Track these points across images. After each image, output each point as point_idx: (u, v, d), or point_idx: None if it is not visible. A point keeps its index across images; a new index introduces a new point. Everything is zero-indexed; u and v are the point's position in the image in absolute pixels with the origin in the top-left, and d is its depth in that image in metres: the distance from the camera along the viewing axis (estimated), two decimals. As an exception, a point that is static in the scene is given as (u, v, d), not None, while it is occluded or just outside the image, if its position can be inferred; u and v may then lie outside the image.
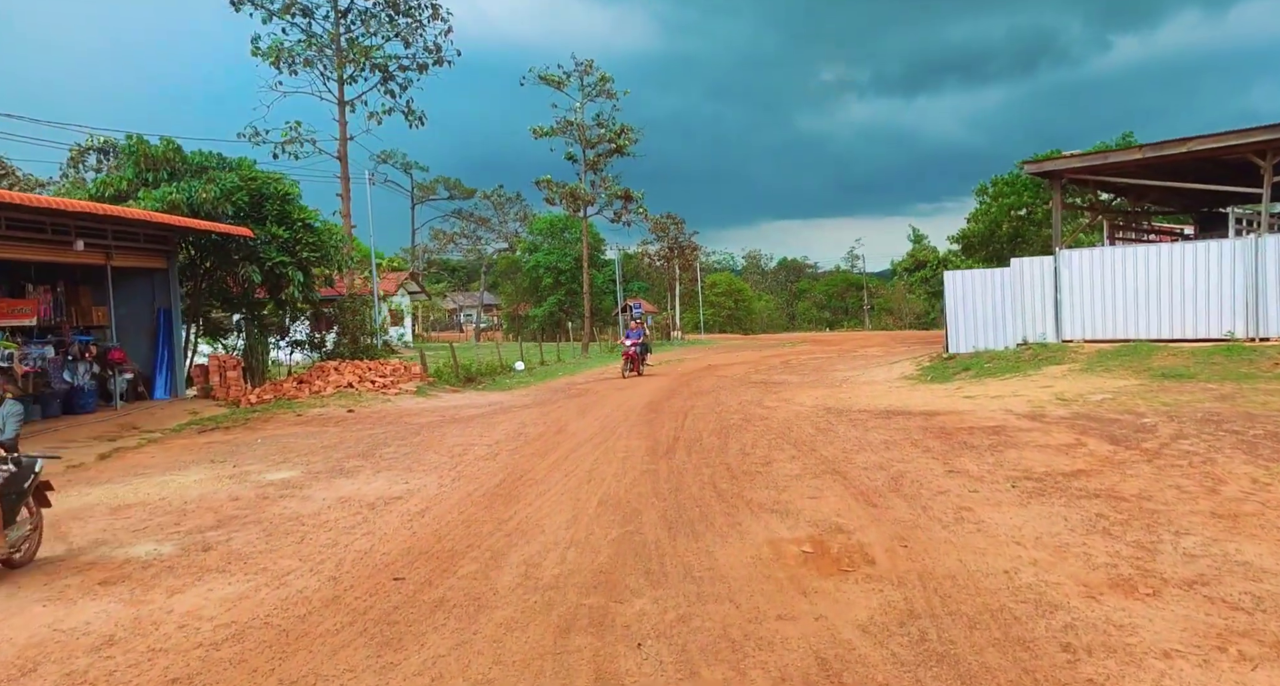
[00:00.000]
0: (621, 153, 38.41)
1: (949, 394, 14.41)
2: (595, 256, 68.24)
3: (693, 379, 21.78)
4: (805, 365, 25.34)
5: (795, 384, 18.89)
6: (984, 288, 17.86)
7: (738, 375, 22.62)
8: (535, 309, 68.94)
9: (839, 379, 19.28)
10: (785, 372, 22.58)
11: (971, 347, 18.08)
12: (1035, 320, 17.37)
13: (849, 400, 14.82)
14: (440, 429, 13.07)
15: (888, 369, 20.14)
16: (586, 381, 22.82)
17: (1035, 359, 16.17)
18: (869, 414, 12.72)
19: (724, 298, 78.68)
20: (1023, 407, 12.03)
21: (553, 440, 11.62)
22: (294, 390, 16.55)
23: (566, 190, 38.26)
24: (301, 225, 16.69)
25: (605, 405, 16.15)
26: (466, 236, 71.45)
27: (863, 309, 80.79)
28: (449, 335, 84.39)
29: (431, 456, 10.42)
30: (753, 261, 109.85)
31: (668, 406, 15.44)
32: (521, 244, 69.66)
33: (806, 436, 10.89)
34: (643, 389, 19.49)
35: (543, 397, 18.47)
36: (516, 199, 69.28)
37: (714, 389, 18.53)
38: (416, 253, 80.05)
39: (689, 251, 60.88)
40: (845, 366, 23.61)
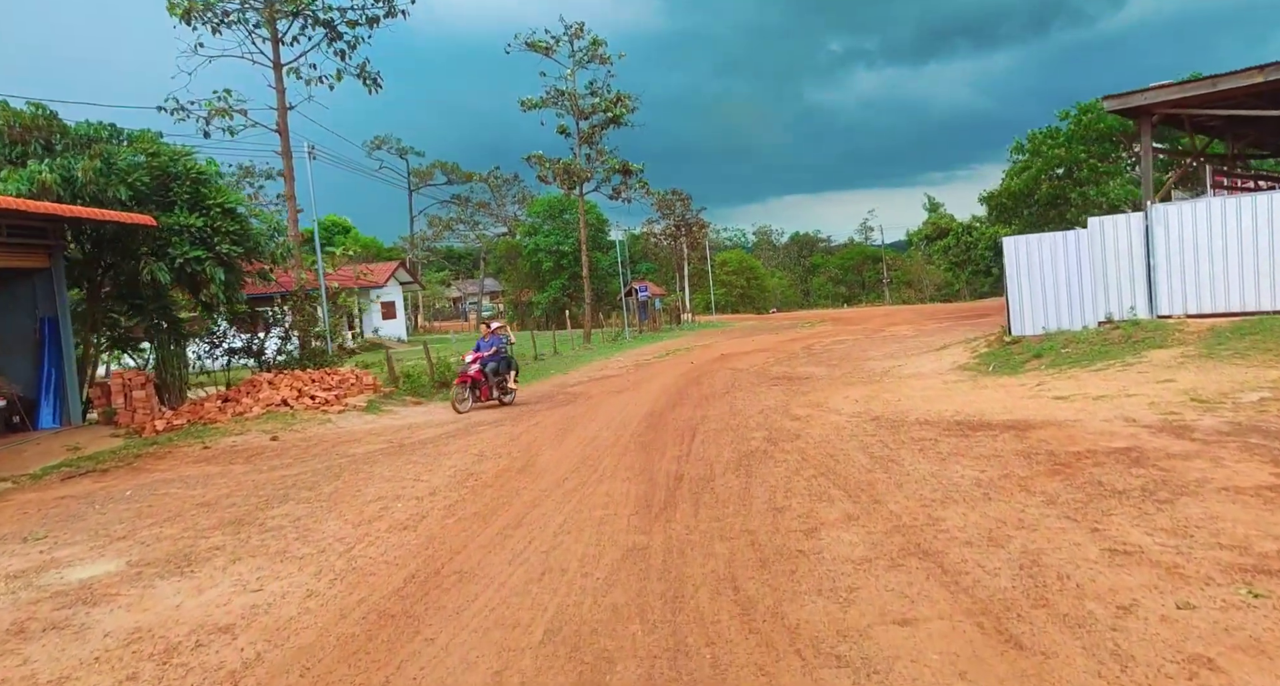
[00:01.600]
0: (618, 123, 35.11)
1: (1030, 392, 11.23)
2: (599, 237, 65.06)
3: (703, 375, 18.67)
4: (831, 351, 22.17)
5: (824, 379, 15.75)
6: (1053, 255, 14.61)
7: (755, 367, 19.49)
8: (538, 295, 65.91)
9: (877, 371, 16.11)
10: (810, 362, 19.42)
11: (1041, 328, 14.86)
12: (1122, 292, 14.11)
13: (900, 403, 11.69)
14: (371, 467, 10.03)
15: (935, 356, 16.95)
16: (579, 382, 19.74)
17: (1129, 342, 12.94)
18: (935, 427, 9.58)
19: (735, 276, 75.35)
20: (1148, 415, 8.85)
21: (511, 485, 8.56)
22: (215, 411, 13.57)
23: (560, 166, 35.04)
24: (219, 211, 13.61)
25: (594, 418, 13.08)
26: (464, 222, 68.35)
27: (882, 282, 77.27)
28: (453, 325, 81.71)
29: (332, 523, 7.37)
30: (764, 237, 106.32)
31: (672, 418, 12.36)
32: (520, 227, 66.52)
33: (860, 472, 7.78)
34: (644, 392, 16.40)
35: (525, 407, 15.40)
36: (514, 180, 66.20)
37: (728, 388, 15.41)
38: (415, 241, 77.14)
39: (697, 229, 57.53)
40: (878, 352, 20.42)
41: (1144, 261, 13.87)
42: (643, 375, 20.30)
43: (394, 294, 49.15)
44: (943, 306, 52.07)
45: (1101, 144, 32.27)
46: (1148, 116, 13.85)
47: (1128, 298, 14.02)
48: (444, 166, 76.99)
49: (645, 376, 19.81)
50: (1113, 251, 14.09)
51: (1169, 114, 14.03)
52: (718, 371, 19.16)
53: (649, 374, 20.40)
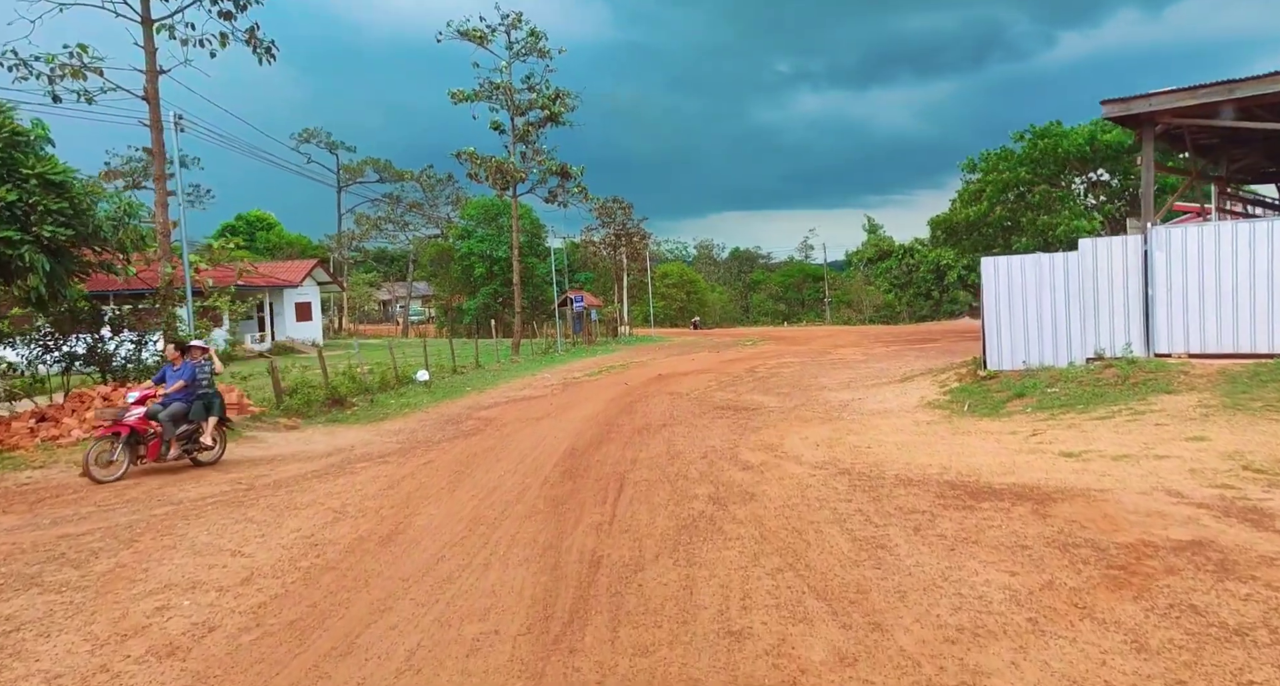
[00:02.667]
0: (556, 121, 32.84)
1: (1026, 444, 9.33)
2: (535, 244, 62.57)
3: (637, 400, 16.49)
4: (778, 376, 20.24)
5: (776, 411, 13.73)
6: (1038, 280, 12.88)
7: (697, 391, 17.40)
8: (469, 301, 63.03)
9: (835, 404, 14.15)
10: (757, 389, 17.41)
11: (1021, 362, 13.09)
12: (1114, 325, 12.44)
13: (871, 451, 9.68)
14: (189, 525, 7.53)
15: (898, 389, 15.08)
16: (495, 404, 17.33)
17: (1126, 383, 11.21)
18: (924, 490, 7.57)
19: (675, 289, 73.57)
20: (1195, 487, 6.97)
21: (364, 567, 6.21)
22: (24, 434, 10.83)
23: (493, 164, 32.56)
24: (38, 183, 10.89)
25: (502, 457, 10.75)
26: (393, 221, 65.07)
27: (822, 301, 76.46)
28: (382, 329, 78.07)
29: (64, 639, 4.93)
30: (705, 251, 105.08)
31: (596, 460, 10.12)
32: (453, 230, 63.60)
33: (842, 565, 5.67)
34: (567, 420, 14.13)
35: (420, 437, 12.97)
36: (448, 181, 63.27)
37: (666, 421, 13.25)
38: (342, 240, 73.40)
39: (637, 239, 55.51)
40: (831, 380, 18.55)
41: (1141, 291, 12.22)
42: (570, 397, 18.02)
43: (311, 294, 45.80)
44: (886, 329, 51.06)
45: (1056, 169, 31.30)
46: (1150, 125, 12.24)
47: (1121, 332, 12.34)
48: (375, 163, 73.52)
49: (572, 399, 17.54)
50: (1105, 278, 12.41)
51: (1173, 123, 12.45)
52: (654, 396, 17.01)
53: (577, 396, 18.14)
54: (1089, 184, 32.32)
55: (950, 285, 58.62)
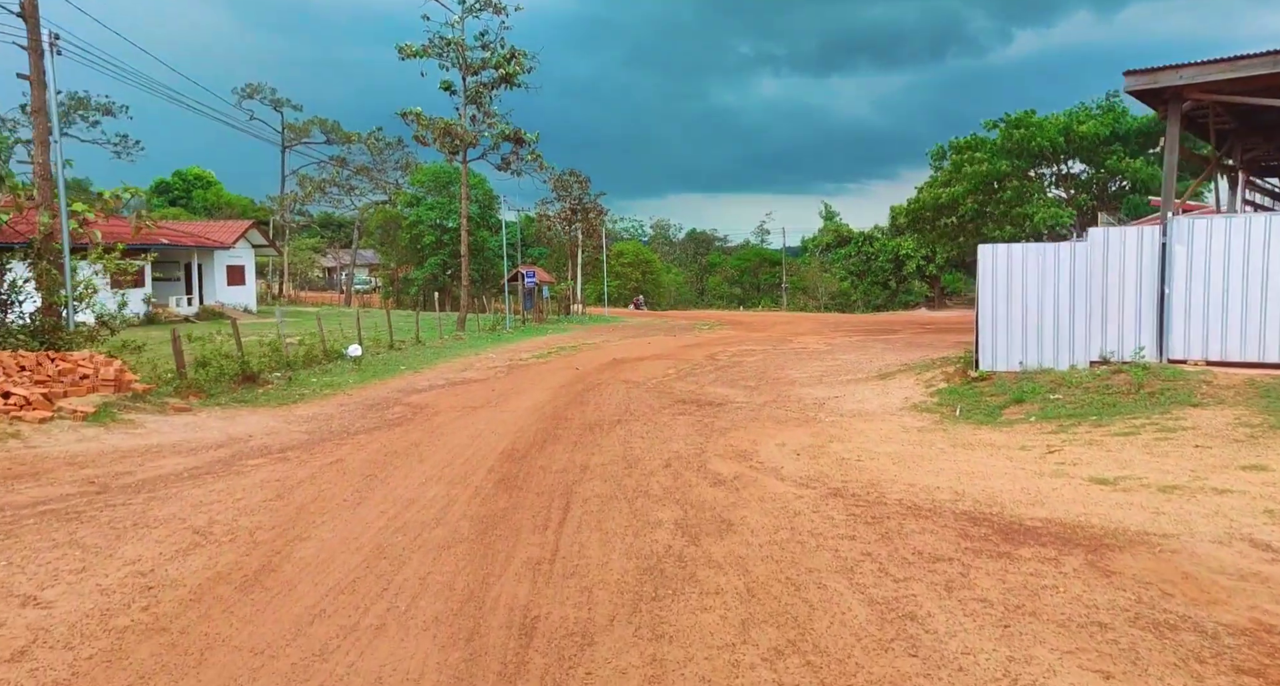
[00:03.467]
0: (511, 83, 30.74)
1: (1043, 463, 7.96)
2: (488, 216, 60.22)
3: (590, 388, 14.87)
4: (741, 365, 18.78)
5: (744, 408, 12.24)
6: (1040, 271, 11.55)
7: (654, 380, 15.85)
8: (416, 271, 60.54)
9: (809, 401, 12.71)
10: (720, 380, 15.92)
11: (1018, 363, 11.77)
12: (1124, 326, 11.18)
13: (861, 465, 8.24)
14: (-6, 550, 5.73)
15: (878, 387, 13.69)
16: (430, 387, 15.55)
17: (1140, 392, 9.94)
18: (937, 524, 6.13)
19: (631, 268, 71.86)
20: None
21: (204, 630, 4.51)
22: None
23: (440, 125, 30.36)
24: None
25: (427, 458, 9.06)
26: (338, 185, 62.03)
27: (780, 286, 75.52)
28: (325, 297, 75.00)
29: None
30: (661, 231, 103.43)
31: (539, 467, 8.50)
32: (401, 197, 60.88)
33: (866, 650, 4.17)
34: (509, 411, 12.46)
35: (335, 426, 11.17)
36: (397, 145, 60.33)
37: (622, 416, 11.67)
38: (284, 202, 69.95)
39: (594, 214, 53.52)
40: (800, 371, 17.14)
41: (1156, 289, 10.97)
42: (515, 382, 16.32)
43: (245, 257, 43.06)
44: (843, 317, 50.08)
45: (1031, 161, 30.31)
46: (1177, 101, 10.94)
47: (1131, 333, 11.10)
48: (323, 124, 70.03)
49: (517, 385, 15.85)
50: (1116, 273, 11.14)
51: (1202, 99, 11.13)
52: (608, 384, 15.40)
53: (523, 381, 16.45)
54: (1059, 176, 31.43)
55: (908, 275, 57.91)
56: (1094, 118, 29.33)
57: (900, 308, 58.85)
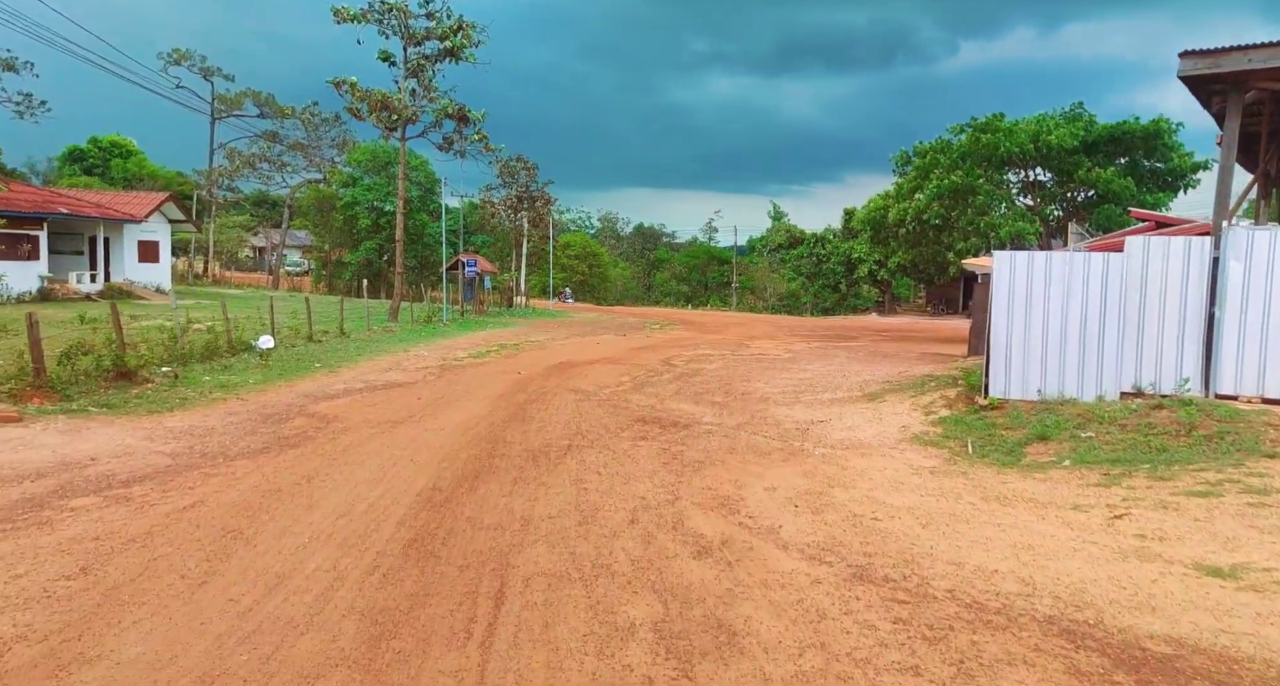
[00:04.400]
0: (456, 56, 28.31)
1: (1119, 537, 6.25)
2: (429, 201, 57.36)
3: (534, 400, 12.82)
4: (703, 374, 16.93)
5: (719, 433, 10.37)
6: (1066, 285, 9.93)
7: (608, 390, 13.89)
8: (350, 255, 57.40)
9: (792, 427, 10.89)
10: (682, 392, 14.02)
11: (1035, 391, 10.13)
12: (1162, 352, 9.63)
13: (884, 529, 6.45)
14: None
15: (868, 410, 11.93)
16: (349, 391, 13.30)
17: (1194, 436, 8.37)
18: (1032, 650, 4.35)
19: (577, 261, 69.69)
20: None
21: None
22: None
23: (377, 98, 27.78)
24: None
25: (318, 504, 6.95)
26: (269, 160, 58.42)
27: (729, 285, 74.23)
28: (253, 278, 71.03)
29: None
30: (608, 224, 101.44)
31: (465, 522, 6.50)
32: (337, 176, 57.60)
33: None
34: (435, 430, 10.36)
35: (210, 447, 8.92)
36: (334, 121, 56.98)
37: (571, 439, 9.68)
38: (212, 176, 65.74)
39: (541, 203, 51.14)
40: (769, 384, 15.35)
41: (1204, 310, 9.44)
42: (447, 387, 14.19)
43: (160, 232, 39.66)
44: (796, 320, 48.73)
45: (996, 168, 29.16)
46: (1239, 90, 9.40)
47: (1171, 361, 9.55)
48: (256, 96, 66.11)
49: (449, 392, 13.72)
50: (1157, 289, 9.58)
51: (1267, 89, 9.64)
52: (554, 394, 13.38)
53: (456, 387, 14.32)
54: (1024, 184, 30.39)
55: (860, 279, 56.94)
56: (1062, 126, 28.31)
57: (849, 312, 57.89)
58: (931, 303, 58.51)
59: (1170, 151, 27.37)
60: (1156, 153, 27.49)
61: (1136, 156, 27.92)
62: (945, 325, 44.84)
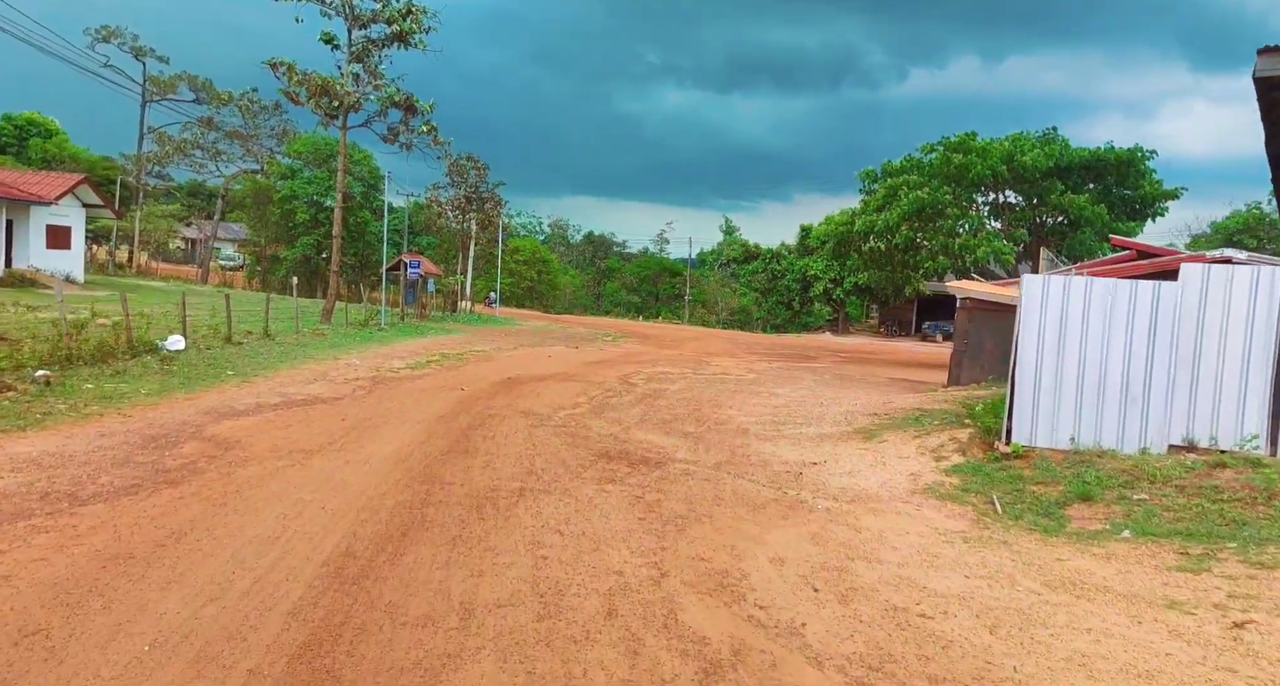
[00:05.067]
0: (405, 42, 26.37)
1: (1272, 668, 4.79)
2: (372, 198, 54.85)
3: (478, 424, 11.03)
4: (667, 395, 15.31)
5: (697, 473, 8.75)
6: (1107, 316, 8.60)
7: (563, 414, 12.18)
8: (287, 250, 54.54)
9: (781, 469, 9.33)
10: (649, 419, 12.37)
11: (1068, 439, 8.75)
12: (1220, 400, 8.35)
13: (947, 640, 4.93)
14: None
15: (868, 453, 10.41)
16: (259, 407, 11.29)
17: (1274, 505, 7.01)
18: None
19: (526, 267, 67.63)
20: None
21: None
22: None
23: (316, 81, 25.64)
24: None
25: (188, 574, 5.11)
26: (202, 148, 55.22)
27: (681, 298, 72.98)
28: (183, 271, 67.20)
29: None
30: (558, 231, 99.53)
31: (383, 607, 4.73)
32: (275, 167, 54.72)
33: None
34: (358, 465, 8.51)
35: (67, 482, 6.95)
36: (274, 109, 54.08)
37: (524, 480, 7.95)
38: (141, 162, 61.96)
39: (491, 205, 49.07)
40: (743, 411, 13.80)
41: (1271, 351, 8.17)
42: (377, 406, 12.31)
43: (73, 218, 36.57)
44: (750, 337, 47.56)
45: (969, 189, 28.29)
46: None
47: (1230, 411, 8.28)
48: (192, 80, 62.65)
49: (379, 411, 11.85)
50: (1215, 325, 8.31)
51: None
52: (503, 418, 11.61)
53: (388, 405, 12.45)
54: (997, 206, 29.60)
55: (815, 297, 56.14)
56: (1036, 147, 27.58)
57: (800, 329, 57.03)
58: (884, 324, 58.07)
59: (1142, 179, 26.85)
60: (1129, 180, 26.95)
61: (1108, 183, 27.36)
62: (899, 347, 44.15)
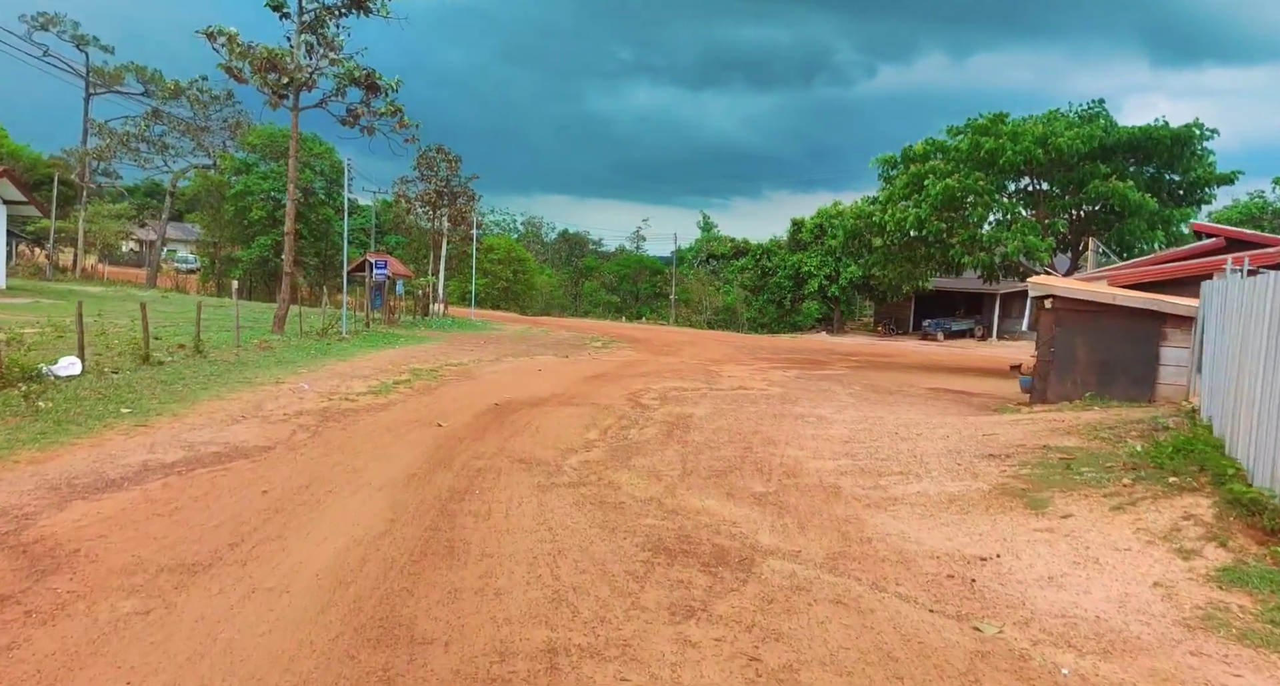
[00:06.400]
0: (364, 8, 22.87)
1: None
2: (336, 195, 51.03)
3: (464, 489, 7.72)
4: (697, 424, 12.09)
5: (814, 587, 5.56)
6: None
7: (574, 463, 8.92)
8: (244, 251, 50.61)
9: (934, 571, 6.15)
10: (694, 471, 9.14)
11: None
12: None
13: None
14: None
15: (1053, 535, 7.22)
16: (147, 468, 7.87)
17: None
18: None
19: (501, 266, 64.08)
20: None
21: None
22: None
23: (260, 55, 22.05)
24: None
25: None
26: (148, 141, 51.06)
27: (663, 297, 69.83)
28: (134, 274, 62.77)
29: None
30: (532, 229, 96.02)
31: None
32: (228, 161, 50.75)
33: None
34: (268, 593, 5.16)
35: None
36: (226, 99, 50.07)
37: (553, 633, 4.69)
38: (84, 158, 57.52)
39: (463, 200, 45.51)
40: (799, 445, 10.58)
41: None
42: (316, 463, 8.96)
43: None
44: (748, 339, 44.39)
45: (999, 177, 25.31)
46: None
47: None
48: (139, 71, 58.30)
49: (318, 474, 8.51)
50: None
51: None
52: (498, 476, 8.32)
53: (333, 460, 9.10)
54: (1032, 195, 26.63)
55: (808, 295, 53.12)
56: (1074, 127, 24.64)
57: (790, 329, 54.00)
58: (881, 322, 55.23)
59: (1196, 160, 24.05)
60: (1180, 162, 24.13)
61: (1155, 166, 24.55)
62: (905, 348, 41.30)
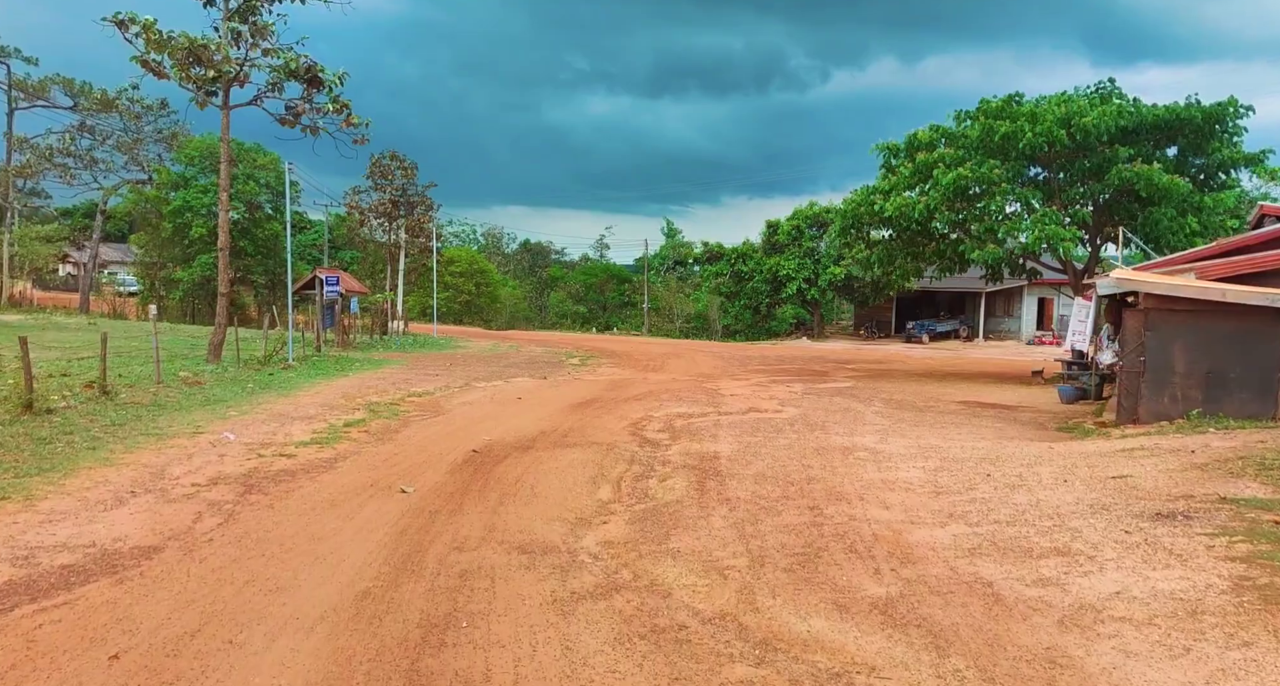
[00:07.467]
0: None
1: None
2: (282, 206, 47.75)
3: (438, 627, 5.10)
4: (732, 472, 9.56)
5: None
6: None
7: (593, 551, 6.35)
8: (183, 271, 47.13)
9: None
10: (760, 554, 6.61)
11: None
12: None
13: None
14: None
15: None
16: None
17: None
18: None
19: (463, 279, 61.13)
20: None
21: None
22: None
23: (181, 45, 19.15)
24: None
25: None
26: (74, 155, 47.35)
27: (632, 306, 67.31)
28: (66, 299, 58.61)
29: None
30: (493, 240, 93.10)
31: None
32: (164, 175, 47.22)
33: None
34: None
35: None
36: (161, 109, 46.60)
37: None
38: (9, 177, 53.41)
39: (421, 209, 42.61)
40: (875, 495, 8.11)
41: None
42: (219, 577, 6.30)
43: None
44: (729, 348, 41.96)
45: (1016, 164, 23.23)
46: None
47: None
48: (66, 83, 54.40)
49: (216, 605, 5.88)
50: None
51: None
52: (492, 582, 5.76)
53: (247, 568, 6.46)
54: (1052, 183, 24.52)
55: (787, 299, 50.98)
56: (1098, 106, 22.62)
57: (767, 336, 51.77)
58: (862, 326, 53.31)
59: (1230, 138, 22.19)
60: (1208, 142, 22.26)
61: (1182, 147, 22.68)
62: (895, 352, 39.26)
